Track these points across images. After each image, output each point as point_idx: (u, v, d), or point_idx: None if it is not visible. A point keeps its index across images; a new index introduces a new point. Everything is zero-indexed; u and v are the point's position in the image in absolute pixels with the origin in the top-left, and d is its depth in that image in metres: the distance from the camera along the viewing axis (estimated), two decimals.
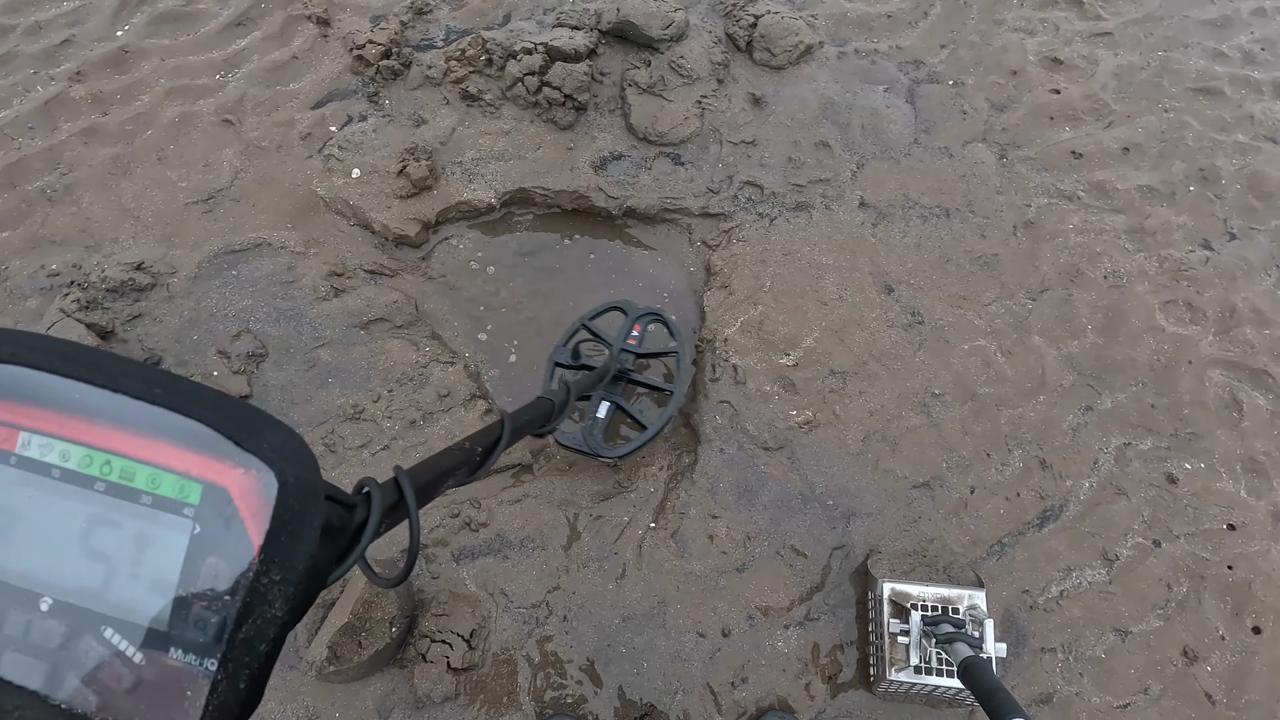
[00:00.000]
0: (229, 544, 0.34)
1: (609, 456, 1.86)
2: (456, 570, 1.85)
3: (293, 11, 2.59)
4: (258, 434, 0.35)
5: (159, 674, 0.33)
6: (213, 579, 0.34)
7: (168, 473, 0.35)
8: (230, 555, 0.34)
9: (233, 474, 0.35)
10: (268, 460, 0.35)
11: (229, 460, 0.35)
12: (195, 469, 0.35)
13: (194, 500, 0.35)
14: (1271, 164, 2.58)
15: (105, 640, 0.33)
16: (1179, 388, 2.16)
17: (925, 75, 2.67)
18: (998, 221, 2.39)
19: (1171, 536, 1.97)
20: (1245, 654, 1.85)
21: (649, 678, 1.76)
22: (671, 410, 1.93)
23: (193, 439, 0.35)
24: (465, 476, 0.74)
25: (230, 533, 0.34)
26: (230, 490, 0.35)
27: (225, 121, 2.39)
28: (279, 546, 0.34)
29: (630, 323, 2.03)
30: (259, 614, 0.34)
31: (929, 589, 1.73)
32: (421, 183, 2.27)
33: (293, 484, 0.35)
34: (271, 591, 0.34)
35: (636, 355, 2.00)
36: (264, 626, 0.34)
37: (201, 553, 0.34)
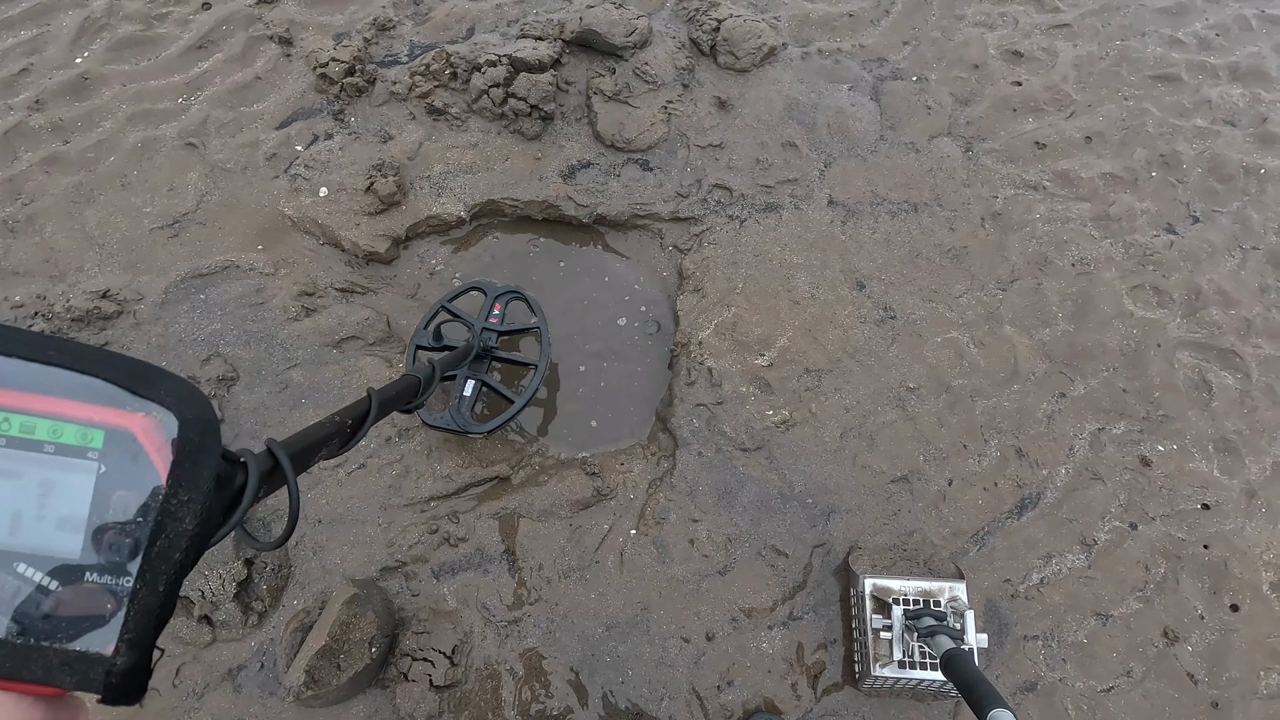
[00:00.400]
0: (137, 477, 0.38)
1: (477, 432, 1.87)
2: (437, 586, 1.83)
3: (254, 32, 2.58)
4: (153, 383, 0.39)
5: (77, 595, 0.37)
6: (123, 509, 0.38)
7: (69, 423, 0.38)
8: (138, 486, 0.38)
9: (134, 418, 0.39)
10: (165, 404, 0.39)
11: (128, 407, 0.39)
12: (96, 417, 0.38)
13: (98, 445, 0.38)
14: (1230, 147, 2.62)
15: (19, 574, 0.36)
16: (1149, 371, 2.19)
17: (889, 72, 2.69)
18: (965, 214, 2.41)
19: (1147, 519, 1.99)
20: (1224, 632, 1.87)
21: (634, 685, 1.76)
22: (535, 383, 1.93)
23: (92, 393, 0.38)
24: (338, 448, 0.81)
25: (137, 466, 0.38)
26: (134, 431, 0.39)
27: (189, 145, 2.37)
28: (184, 472, 0.39)
29: (490, 301, 2.04)
30: (171, 529, 0.38)
31: (910, 583, 1.73)
32: (390, 199, 2.26)
33: (191, 420, 0.40)
34: (181, 509, 0.39)
35: (499, 334, 2.01)
36: (177, 538, 0.39)
37: (110, 488, 0.38)
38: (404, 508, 1.90)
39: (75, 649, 0.36)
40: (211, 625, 1.73)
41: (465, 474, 1.94)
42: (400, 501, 1.91)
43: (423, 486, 1.92)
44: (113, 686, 0.37)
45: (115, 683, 0.37)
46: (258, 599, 1.76)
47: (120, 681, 0.37)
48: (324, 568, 1.83)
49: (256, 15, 2.61)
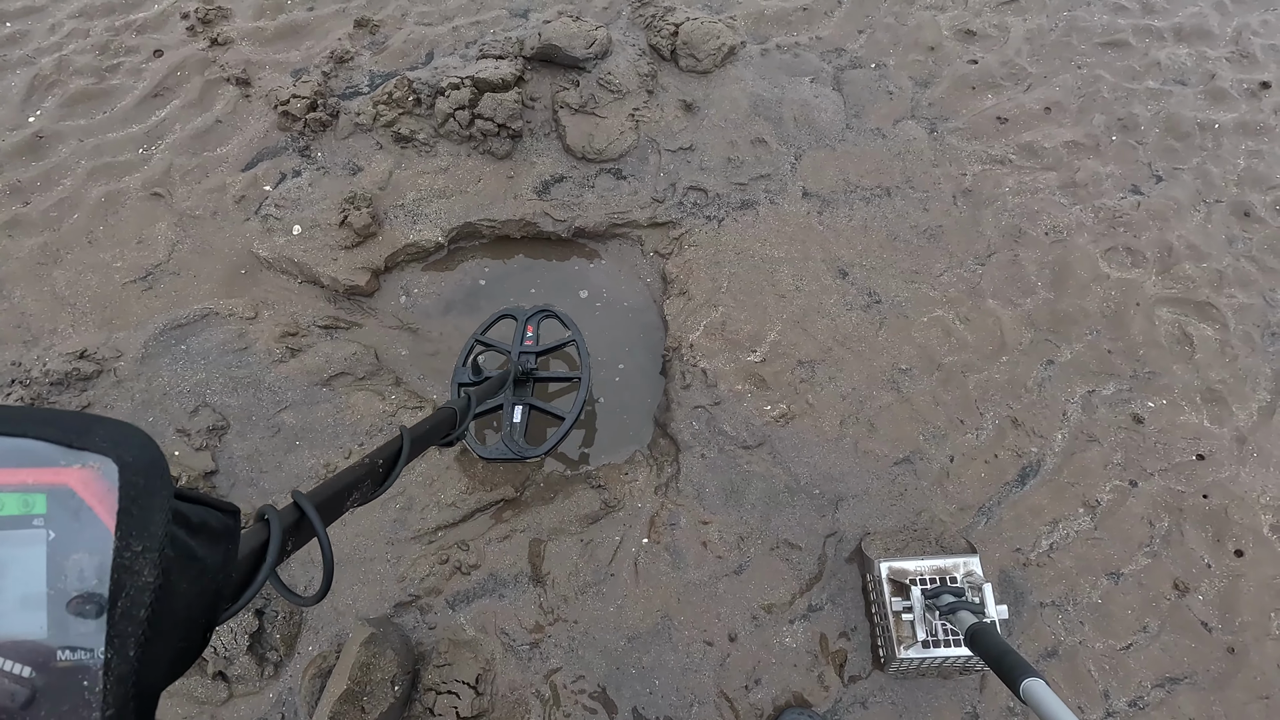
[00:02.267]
0: (86, 535, 0.35)
1: (534, 455, 1.86)
2: (453, 617, 1.81)
3: (210, 76, 2.54)
4: (86, 432, 0.37)
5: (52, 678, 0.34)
6: (79, 574, 0.35)
7: (8, 492, 0.35)
8: (89, 546, 0.35)
9: (70, 473, 0.36)
10: (101, 450, 0.36)
11: (63, 463, 0.36)
12: (33, 479, 0.35)
13: (40, 510, 0.35)
14: (1184, 105, 2.69)
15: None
16: (1131, 330, 2.23)
17: (848, 61, 2.73)
18: (937, 194, 2.45)
19: (1146, 475, 2.02)
20: (1232, 578, 1.90)
21: (662, 695, 1.74)
22: (582, 395, 1.94)
23: (24, 455, 0.36)
24: (371, 490, 0.77)
25: (83, 524, 0.35)
26: (73, 486, 0.36)
27: (154, 195, 2.33)
28: (132, 520, 0.36)
29: (522, 325, 2.05)
30: (129, 585, 0.36)
31: (924, 562, 1.74)
32: (365, 231, 2.24)
33: (131, 463, 0.37)
34: (137, 561, 0.36)
35: (536, 354, 2.02)
36: (139, 595, 0.36)
37: (63, 554, 0.35)
38: (411, 540, 1.88)
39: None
40: (227, 681, 1.69)
41: (470, 500, 1.92)
42: (407, 535, 1.88)
43: (428, 517, 1.90)
44: None
45: None
46: (272, 649, 1.73)
47: None
48: (336, 610, 1.80)
49: (210, 58, 2.58)
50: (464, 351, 2.04)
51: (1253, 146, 2.63)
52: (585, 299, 2.32)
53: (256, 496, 1.92)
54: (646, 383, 2.20)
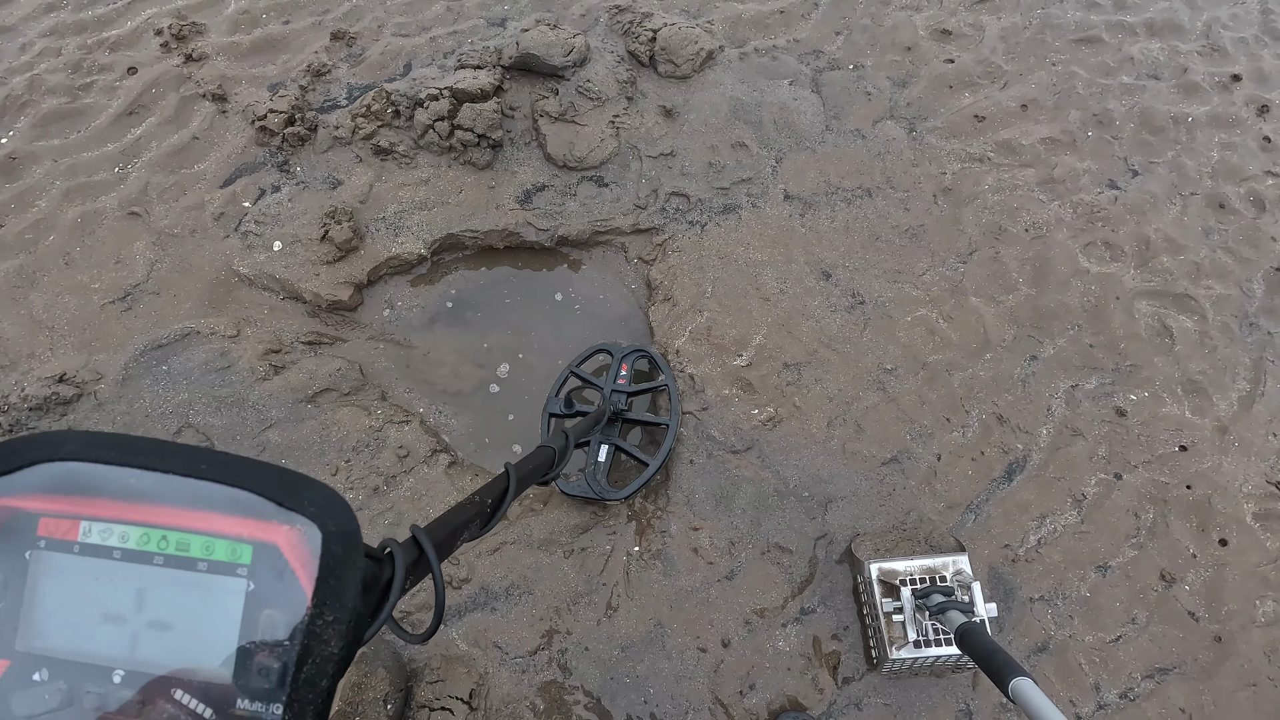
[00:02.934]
0: (283, 595, 0.38)
1: (615, 498, 1.86)
2: (445, 632, 1.80)
3: (186, 92, 2.52)
4: (297, 493, 0.39)
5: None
6: (271, 629, 0.38)
7: (220, 538, 0.38)
8: (285, 605, 0.38)
9: (279, 531, 0.38)
10: (309, 515, 0.39)
11: (274, 519, 0.39)
12: (245, 531, 0.38)
13: (246, 560, 0.38)
14: (1158, 99, 2.72)
15: (176, 702, 0.37)
16: (1112, 324, 2.25)
17: (826, 63, 2.74)
18: (918, 193, 2.46)
19: (1130, 467, 2.04)
20: (1217, 567, 1.93)
21: (657, 703, 1.74)
22: (669, 442, 1.94)
23: (239, 505, 0.39)
24: (479, 529, 0.79)
25: (283, 584, 0.38)
26: (280, 545, 0.38)
27: (131, 214, 2.30)
28: (329, 590, 0.38)
29: (617, 363, 2.04)
30: (317, 653, 0.37)
31: (914, 562, 1.75)
32: (347, 245, 2.23)
33: (334, 532, 0.39)
34: (326, 631, 0.38)
35: (628, 395, 2.01)
36: (323, 664, 0.38)
37: (259, 607, 0.38)
38: None
39: None
40: None
41: None
42: None
43: None
44: None
45: None
46: None
47: None
48: None
49: (186, 75, 2.56)
50: (557, 382, 2.04)
51: (1225, 139, 2.66)
52: (562, 302, 2.31)
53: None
54: None
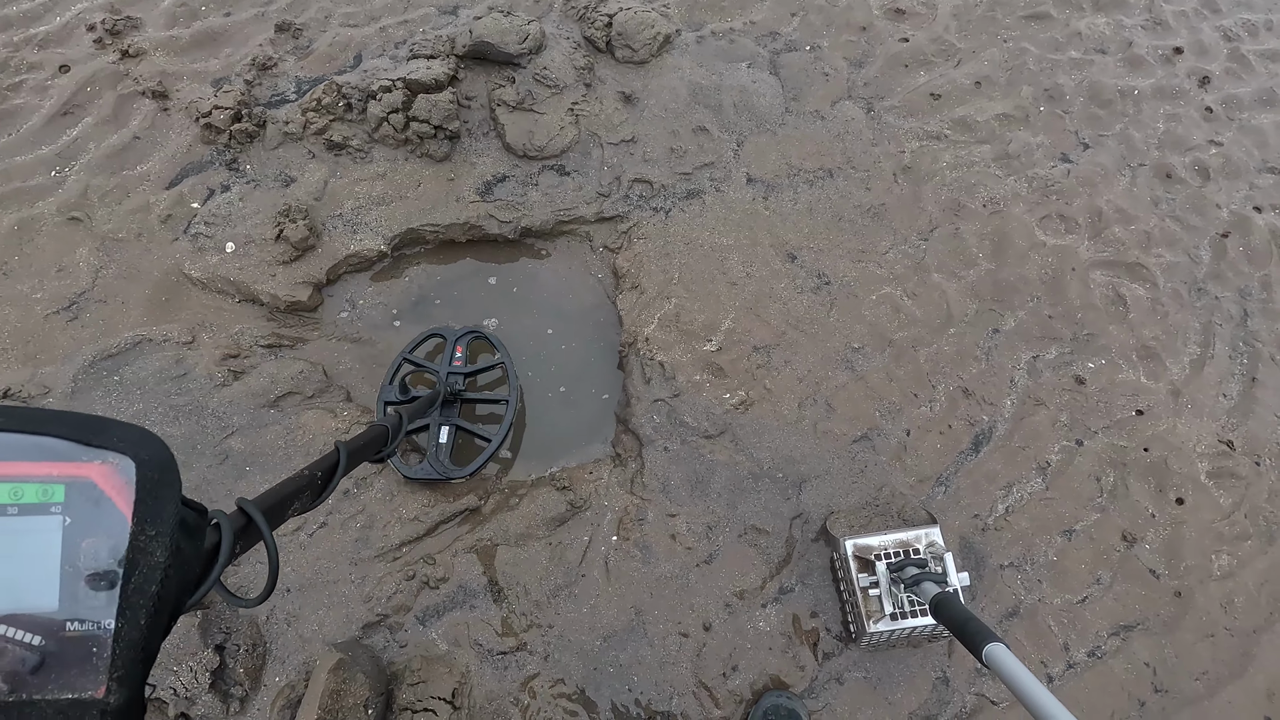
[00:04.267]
0: (102, 522, 0.40)
1: (459, 476, 1.88)
2: (424, 632, 1.78)
3: (124, 90, 2.41)
4: (105, 432, 0.42)
5: (62, 646, 0.39)
6: (93, 556, 0.40)
7: (28, 483, 0.40)
8: (105, 531, 0.40)
9: (91, 467, 0.41)
10: (119, 450, 0.42)
11: (84, 459, 0.41)
12: (55, 471, 0.40)
13: (59, 499, 0.40)
14: (1105, 73, 2.78)
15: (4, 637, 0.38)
16: (1069, 294, 2.31)
17: (783, 45, 2.74)
18: (878, 172, 2.49)
19: (1090, 433, 2.10)
20: (1175, 525, 2.00)
21: (641, 690, 1.75)
22: (509, 418, 1.96)
23: (46, 451, 0.40)
24: (310, 501, 0.83)
25: (101, 512, 0.40)
26: (93, 479, 0.41)
27: (72, 219, 2.21)
28: (147, 509, 0.41)
29: (451, 345, 2.06)
30: (143, 564, 0.41)
31: (887, 537, 1.78)
32: (303, 244, 2.17)
33: (147, 460, 0.42)
34: (151, 544, 0.41)
35: (465, 375, 2.02)
36: (150, 573, 0.41)
37: (78, 537, 0.40)
38: (375, 559, 1.83)
39: (67, 698, 0.38)
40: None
41: (433, 513, 1.88)
42: (370, 554, 1.84)
43: (391, 534, 1.86)
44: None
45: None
46: (236, 684, 1.67)
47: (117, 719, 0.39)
48: (301, 637, 1.75)
49: (123, 71, 2.45)
50: (391, 370, 2.03)
51: (1170, 110, 2.74)
52: (527, 294, 2.29)
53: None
54: (605, 379, 2.19)
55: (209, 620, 1.69)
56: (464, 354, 2.05)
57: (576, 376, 2.19)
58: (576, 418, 2.14)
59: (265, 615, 1.76)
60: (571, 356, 2.21)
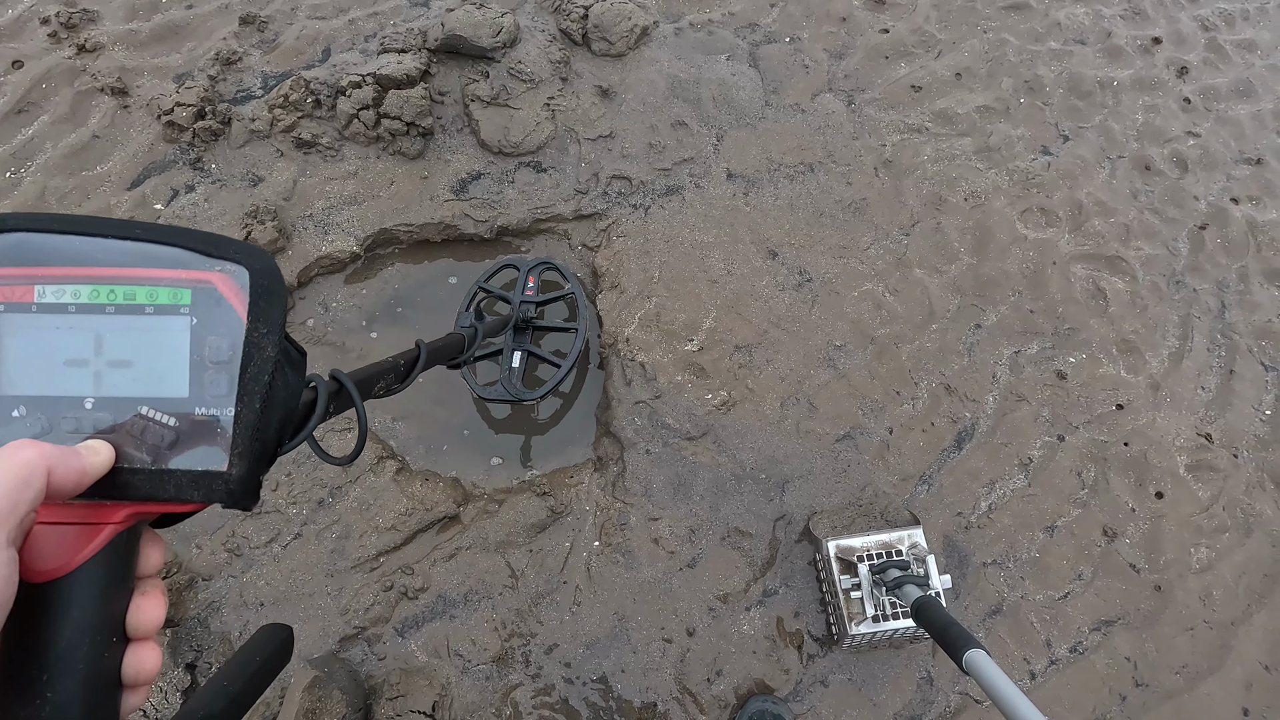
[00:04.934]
0: (222, 322, 0.46)
1: (531, 398, 1.96)
2: (403, 644, 1.74)
3: (81, 87, 2.32)
4: (222, 246, 0.47)
5: (192, 426, 0.45)
6: (216, 351, 0.46)
7: (162, 286, 0.45)
8: (225, 330, 0.46)
9: (213, 275, 0.46)
10: (236, 260, 0.47)
11: (206, 268, 0.46)
12: (184, 276, 0.46)
13: (187, 301, 0.46)
14: (1084, 65, 2.77)
15: (143, 416, 0.45)
16: (1050, 289, 2.30)
17: (762, 36, 2.70)
18: (859, 166, 2.46)
19: (1071, 428, 2.10)
20: (1155, 519, 2.01)
21: (625, 697, 1.73)
22: (578, 344, 2.04)
23: (174, 260, 0.46)
24: (393, 382, 0.91)
25: (221, 312, 0.46)
26: (215, 284, 0.46)
27: None
28: (260, 311, 0.47)
29: (524, 275, 2.12)
30: (257, 358, 0.46)
31: (870, 538, 1.77)
32: (272, 245, 2.10)
33: (258, 269, 0.47)
34: (263, 340, 0.47)
35: (536, 304, 2.08)
36: (263, 364, 0.47)
37: (203, 335, 0.46)
38: (352, 570, 1.79)
39: (198, 469, 0.45)
40: None
41: (410, 521, 1.84)
42: (346, 565, 1.80)
43: (368, 544, 1.82)
44: (232, 493, 0.45)
45: (234, 489, 0.45)
46: None
47: (238, 488, 0.46)
48: None
49: (80, 67, 2.36)
50: (467, 297, 2.10)
51: (1149, 101, 2.73)
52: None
53: (177, 541, 1.80)
54: (585, 381, 2.15)
55: (179, 639, 1.64)
56: (536, 283, 2.12)
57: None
58: (556, 422, 2.10)
59: (238, 631, 1.72)
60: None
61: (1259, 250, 2.48)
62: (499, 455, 2.04)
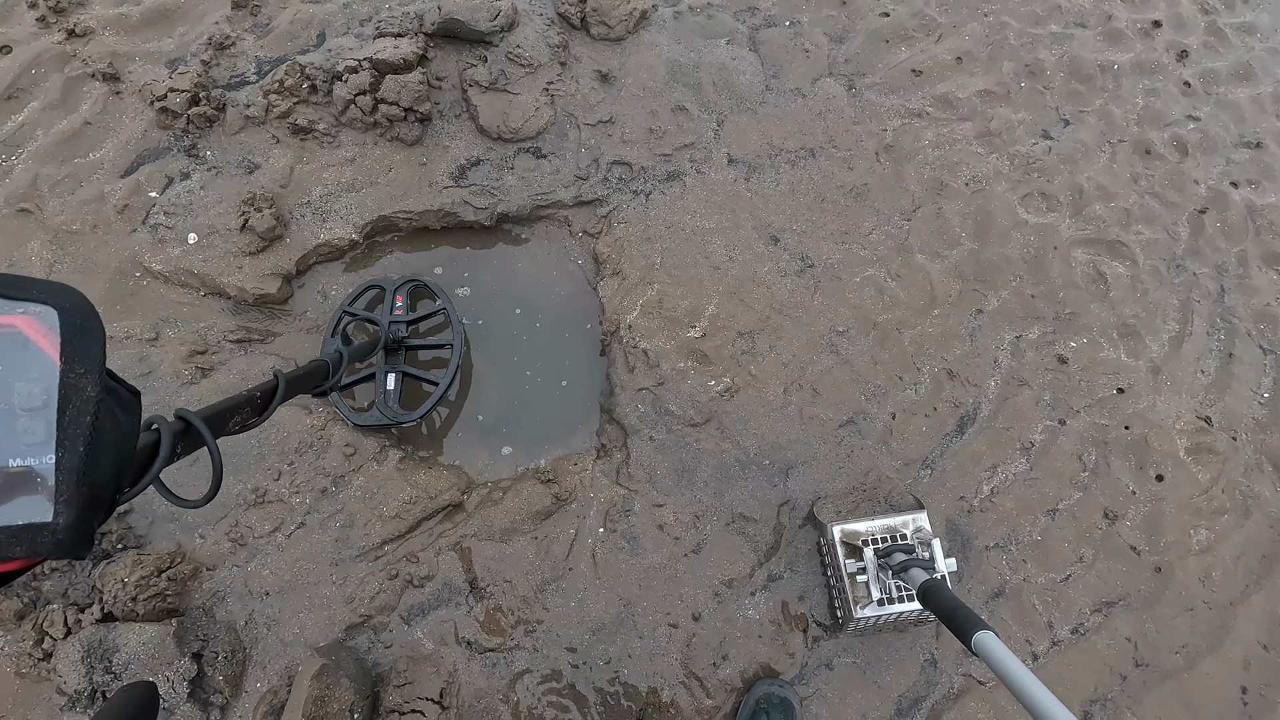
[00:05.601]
0: (32, 366, 0.43)
1: (409, 420, 1.93)
2: (409, 632, 1.74)
3: (71, 72, 2.28)
4: (23, 287, 0.44)
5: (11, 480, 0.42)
6: (28, 398, 0.42)
7: None
8: (36, 374, 0.43)
9: (15, 318, 0.43)
10: (41, 300, 0.44)
11: (5, 311, 0.43)
12: None
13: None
14: (1085, 48, 2.76)
15: None
16: (1051, 273, 2.30)
17: (762, 20, 2.67)
18: (860, 152, 2.45)
19: (1073, 413, 2.11)
20: (1155, 502, 2.02)
21: (631, 681, 1.74)
22: (454, 362, 2.00)
23: None
24: (251, 415, 0.88)
25: (29, 356, 0.43)
26: (19, 327, 0.43)
27: (22, 211, 2.09)
28: (74, 349, 0.44)
29: (391, 294, 2.08)
30: (75, 399, 0.43)
31: (874, 522, 1.78)
32: (270, 234, 2.08)
33: (68, 307, 0.45)
34: (81, 381, 0.44)
35: (407, 324, 2.06)
36: (83, 405, 0.44)
37: (9, 383, 0.42)
38: (356, 559, 1.79)
39: (18, 523, 0.41)
40: None
41: (415, 510, 1.84)
42: (351, 553, 1.79)
43: (372, 532, 1.81)
44: (61, 543, 0.42)
45: (63, 538, 0.42)
46: (216, 691, 1.63)
47: (67, 537, 0.42)
48: (283, 641, 1.71)
49: (70, 52, 2.31)
50: (331, 323, 2.05)
51: (1149, 85, 2.73)
52: (505, 283, 2.23)
53: (180, 531, 1.79)
54: (588, 369, 2.15)
55: (185, 628, 1.64)
56: (404, 302, 2.08)
57: (559, 366, 2.14)
58: (560, 409, 2.10)
59: (244, 620, 1.72)
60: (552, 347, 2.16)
61: (1258, 234, 2.49)
62: (509, 445, 2.04)
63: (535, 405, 2.09)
